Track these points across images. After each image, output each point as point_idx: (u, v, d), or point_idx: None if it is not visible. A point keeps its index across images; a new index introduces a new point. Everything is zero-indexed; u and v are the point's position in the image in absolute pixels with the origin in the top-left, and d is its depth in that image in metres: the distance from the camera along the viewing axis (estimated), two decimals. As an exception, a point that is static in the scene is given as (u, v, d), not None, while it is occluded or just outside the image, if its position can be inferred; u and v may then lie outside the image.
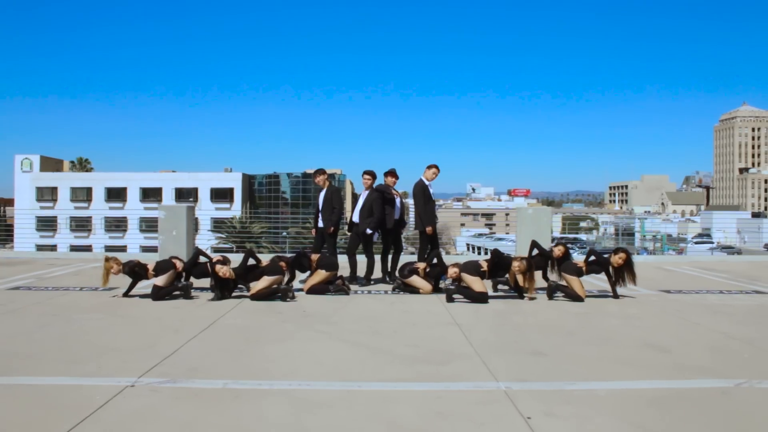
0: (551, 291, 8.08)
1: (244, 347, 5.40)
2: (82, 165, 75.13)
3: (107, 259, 7.84)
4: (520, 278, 7.97)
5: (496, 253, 8.26)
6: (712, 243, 57.30)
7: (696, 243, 56.15)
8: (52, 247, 51.10)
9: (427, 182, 9.48)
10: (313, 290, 8.36)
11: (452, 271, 8.10)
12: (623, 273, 8.02)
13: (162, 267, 7.92)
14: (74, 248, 46.81)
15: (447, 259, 10.01)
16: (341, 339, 5.75)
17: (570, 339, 5.85)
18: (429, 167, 9.56)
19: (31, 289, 8.68)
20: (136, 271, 7.85)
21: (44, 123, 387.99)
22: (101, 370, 4.60)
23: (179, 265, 8.04)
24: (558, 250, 8.37)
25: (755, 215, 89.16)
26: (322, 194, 9.60)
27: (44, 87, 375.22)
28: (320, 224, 9.54)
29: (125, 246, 47.18)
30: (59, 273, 10.50)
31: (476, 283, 7.87)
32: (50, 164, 65.64)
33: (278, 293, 7.86)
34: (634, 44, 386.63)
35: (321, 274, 8.43)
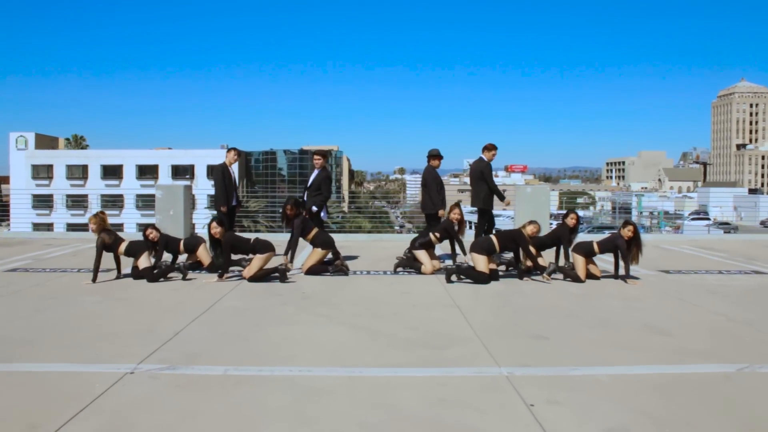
0: (550, 271, 8.04)
1: (243, 331, 5.38)
2: (77, 142, 74.48)
3: (95, 215, 7.85)
4: (532, 251, 7.99)
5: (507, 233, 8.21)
6: (709, 220, 57.39)
7: (692, 220, 56.16)
8: (49, 225, 51.06)
9: (486, 161, 9.69)
10: (311, 271, 8.32)
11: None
12: (634, 246, 7.81)
13: (136, 248, 7.86)
14: (71, 226, 46.75)
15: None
16: (341, 322, 5.73)
17: (570, 321, 5.83)
18: (492, 148, 9.70)
19: (29, 270, 8.63)
20: (106, 244, 7.69)
21: (39, 100, 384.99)
22: (100, 356, 4.57)
23: (154, 235, 8.13)
24: (571, 220, 8.46)
25: (752, 191, 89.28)
26: (235, 169, 9.87)
27: (38, 64, 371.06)
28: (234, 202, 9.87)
29: (122, 224, 47.04)
30: (56, 254, 10.45)
31: (480, 263, 7.80)
32: (45, 142, 65.05)
33: (275, 273, 7.82)
34: (632, 20, 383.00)
35: (318, 253, 8.40)
